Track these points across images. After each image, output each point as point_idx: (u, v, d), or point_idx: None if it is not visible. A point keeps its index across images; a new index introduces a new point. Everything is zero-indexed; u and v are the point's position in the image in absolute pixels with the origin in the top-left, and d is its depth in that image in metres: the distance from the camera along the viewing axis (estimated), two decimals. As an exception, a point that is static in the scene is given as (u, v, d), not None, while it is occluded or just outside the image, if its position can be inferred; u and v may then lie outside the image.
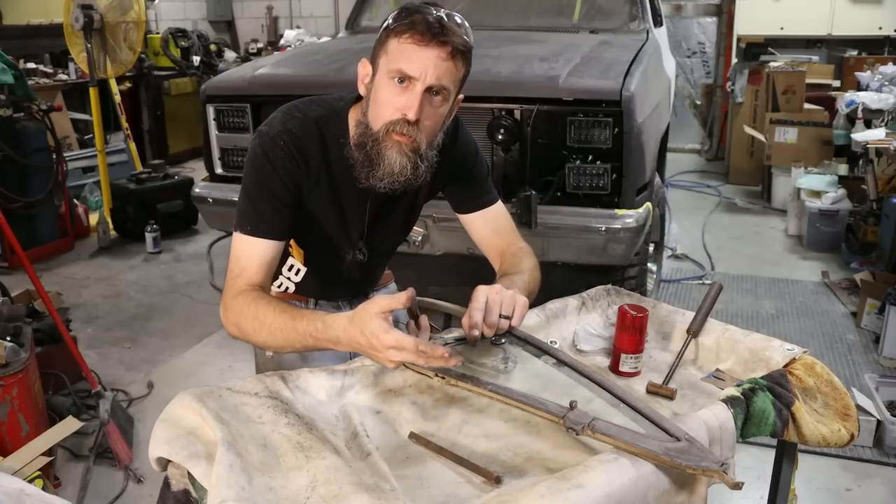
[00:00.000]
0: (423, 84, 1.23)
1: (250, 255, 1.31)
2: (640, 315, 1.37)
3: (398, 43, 1.23)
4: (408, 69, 1.22)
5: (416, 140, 1.27)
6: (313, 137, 1.35)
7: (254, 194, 1.33)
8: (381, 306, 1.10)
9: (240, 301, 1.25)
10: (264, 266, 1.31)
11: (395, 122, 1.26)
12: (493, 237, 1.52)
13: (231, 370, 3.12)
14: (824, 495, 2.31)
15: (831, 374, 1.35)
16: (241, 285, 1.28)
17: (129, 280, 4.18)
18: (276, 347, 1.26)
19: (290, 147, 1.32)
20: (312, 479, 0.99)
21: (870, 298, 3.38)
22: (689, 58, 7.43)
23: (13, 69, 4.20)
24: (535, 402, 1.10)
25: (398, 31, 1.23)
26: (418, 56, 1.22)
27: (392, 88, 1.25)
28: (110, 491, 2.33)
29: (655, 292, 3.47)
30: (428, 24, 1.21)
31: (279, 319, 1.21)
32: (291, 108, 1.38)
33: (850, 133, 4.51)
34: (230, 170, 2.99)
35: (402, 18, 1.24)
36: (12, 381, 2.17)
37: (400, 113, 1.25)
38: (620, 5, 3.64)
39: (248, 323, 1.24)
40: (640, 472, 0.99)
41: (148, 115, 6.67)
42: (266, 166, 1.31)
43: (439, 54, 1.22)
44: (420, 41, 1.21)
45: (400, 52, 1.23)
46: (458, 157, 1.48)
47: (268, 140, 1.32)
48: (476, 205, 1.52)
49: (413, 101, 1.24)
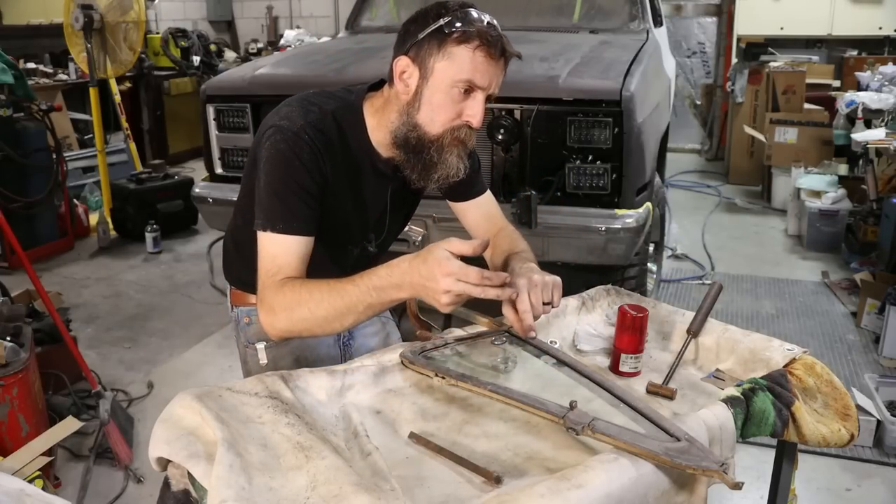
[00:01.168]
0: (486, 93, 1.28)
1: (286, 253, 1.27)
2: (640, 315, 1.37)
3: (469, 53, 1.24)
4: (479, 81, 1.25)
5: (472, 143, 1.33)
6: (333, 130, 1.33)
7: (281, 190, 1.28)
8: (452, 246, 1.12)
9: (286, 291, 1.22)
10: (303, 262, 1.28)
11: (458, 128, 1.29)
12: (486, 223, 1.55)
13: (231, 370, 3.12)
14: (824, 495, 2.31)
15: (831, 374, 1.35)
16: (280, 281, 1.25)
17: (129, 280, 4.18)
18: (334, 319, 1.20)
19: (314, 140, 1.30)
20: (312, 479, 0.99)
21: (870, 298, 3.38)
22: (689, 58, 7.43)
23: (13, 69, 4.20)
24: (535, 402, 1.10)
25: (464, 39, 1.23)
26: (491, 69, 1.25)
27: (455, 95, 1.26)
28: (110, 491, 2.33)
29: (655, 292, 3.47)
30: (493, 36, 1.24)
31: (336, 288, 1.19)
32: (305, 102, 1.35)
33: (850, 133, 4.52)
34: (230, 170, 2.99)
35: (463, 24, 1.24)
36: (12, 381, 2.17)
37: (463, 120, 1.28)
38: (620, 5, 3.64)
39: (303, 305, 1.20)
40: (640, 472, 0.99)
41: (148, 115, 6.67)
42: (293, 161, 1.28)
43: (502, 67, 1.28)
44: (492, 54, 1.24)
45: (470, 63, 1.24)
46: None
47: (291, 135, 1.29)
48: (470, 194, 1.55)
49: (479, 111, 1.27)
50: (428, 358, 1.28)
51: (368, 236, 1.50)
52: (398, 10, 4.02)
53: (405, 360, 1.26)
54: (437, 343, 1.32)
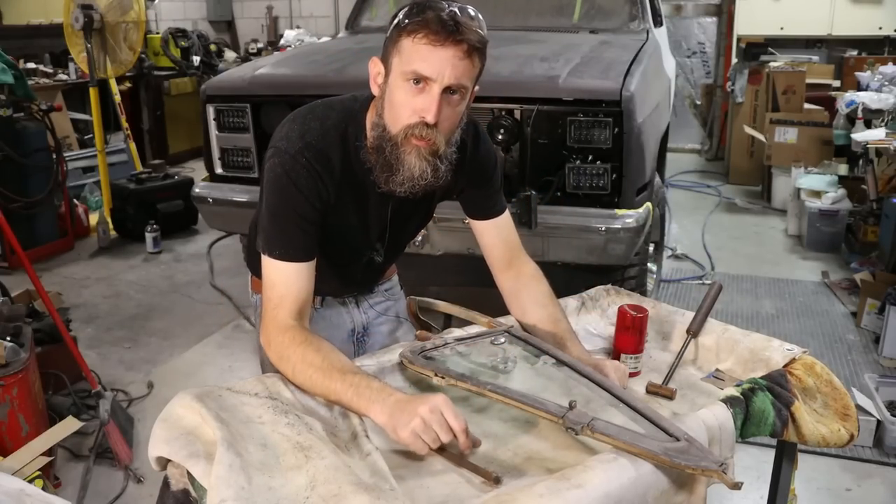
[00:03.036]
0: (441, 85, 1.19)
1: (286, 282, 1.27)
2: (640, 315, 1.37)
3: (412, 43, 1.18)
4: (424, 70, 1.18)
5: (436, 142, 1.24)
6: (334, 146, 1.30)
7: (279, 217, 1.28)
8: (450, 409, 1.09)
9: (285, 340, 1.22)
10: (303, 289, 1.28)
11: (413, 126, 1.22)
12: (502, 247, 1.50)
13: (231, 370, 3.12)
14: (824, 495, 2.31)
15: (831, 374, 1.35)
16: (283, 317, 1.24)
17: (129, 280, 4.18)
18: (310, 389, 1.21)
19: (312, 163, 1.27)
20: (312, 479, 0.99)
21: (870, 298, 3.38)
22: (689, 58, 7.43)
23: (13, 69, 4.20)
24: (535, 402, 1.10)
25: (410, 30, 1.18)
26: (434, 56, 1.17)
27: (408, 90, 1.20)
28: (110, 491, 2.33)
29: (655, 292, 3.47)
30: (442, 22, 1.16)
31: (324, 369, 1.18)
32: (308, 117, 1.32)
33: (850, 133, 4.51)
34: (230, 170, 2.99)
35: (414, 15, 1.18)
36: (12, 381, 2.17)
37: (418, 116, 1.21)
38: (620, 5, 3.64)
39: (290, 364, 1.21)
40: (639, 471, 0.99)
41: (148, 115, 6.67)
42: (289, 187, 1.26)
43: (455, 53, 1.18)
44: (435, 41, 1.16)
45: (414, 53, 1.18)
46: (480, 163, 1.45)
47: (288, 158, 1.26)
48: (490, 213, 1.50)
49: (431, 104, 1.19)
50: (428, 358, 1.28)
51: (375, 246, 1.49)
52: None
53: (405, 360, 1.26)
54: (437, 343, 1.33)
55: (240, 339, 3.41)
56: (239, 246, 3.84)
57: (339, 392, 1.15)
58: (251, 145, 2.89)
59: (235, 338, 3.42)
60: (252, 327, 3.47)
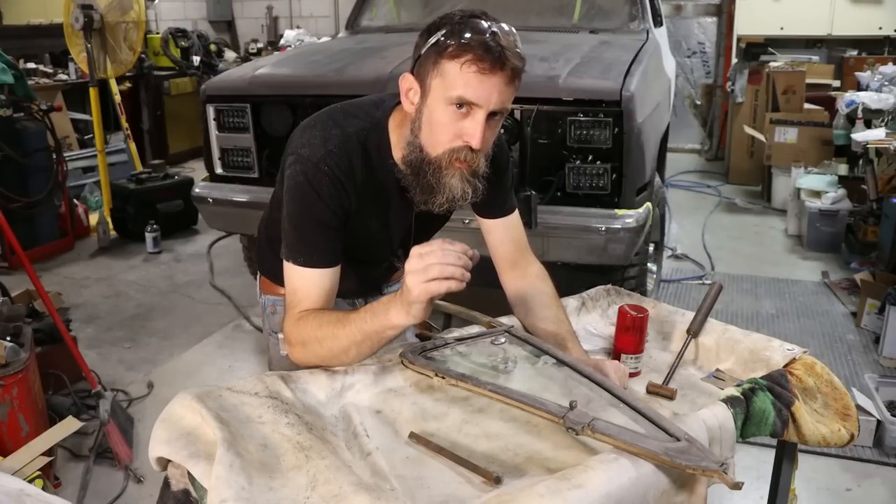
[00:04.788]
0: (487, 111, 1.18)
1: (307, 287, 1.28)
2: (640, 315, 1.37)
3: (458, 69, 1.15)
4: (470, 97, 1.16)
5: (478, 164, 1.24)
6: (356, 154, 1.29)
7: (301, 224, 1.28)
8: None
9: (301, 325, 1.25)
10: (323, 294, 1.29)
11: (457, 150, 1.21)
12: (510, 246, 1.50)
13: (231, 370, 3.12)
14: (824, 495, 2.31)
15: (831, 374, 1.35)
16: (297, 314, 1.27)
17: (129, 280, 4.18)
18: (341, 352, 1.24)
19: (335, 171, 1.26)
20: (312, 479, 0.99)
21: (870, 298, 3.38)
22: (689, 58, 7.43)
23: (13, 69, 4.19)
24: (535, 402, 1.10)
25: (454, 54, 1.15)
26: (482, 85, 1.15)
27: (451, 114, 1.19)
28: (110, 491, 2.33)
29: (655, 292, 3.47)
30: (488, 49, 1.14)
31: (340, 321, 1.21)
32: (328, 124, 1.31)
33: (850, 133, 4.51)
34: (230, 170, 2.99)
35: (456, 37, 1.15)
36: (12, 381, 2.17)
37: (462, 141, 1.20)
38: (620, 5, 3.64)
39: (313, 342, 1.23)
40: (639, 471, 0.99)
41: (148, 115, 6.67)
42: (311, 195, 1.26)
43: (502, 80, 1.16)
44: (482, 69, 1.14)
45: (460, 79, 1.16)
46: (494, 164, 1.43)
47: (311, 166, 1.26)
48: (500, 211, 1.49)
49: (477, 130, 1.18)
50: (428, 358, 1.28)
51: (397, 252, 1.49)
52: (398, 10, 4.02)
53: (405, 360, 1.26)
54: (437, 343, 1.32)
55: (240, 339, 3.41)
56: (239, 246, 3.84)
57: (361, 326, 1.19)
58: (251, 145, 2.89)
59: (235, 338, 3.42)
60: (252, 327, 3.47)
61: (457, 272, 1.09)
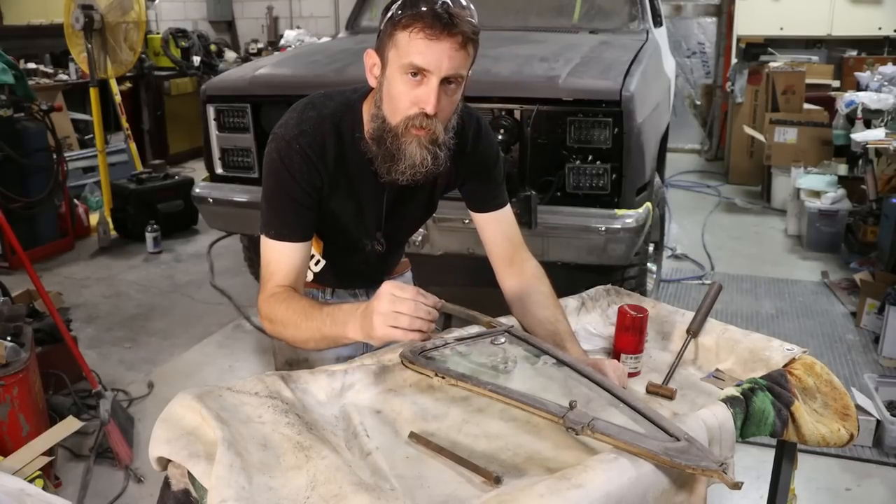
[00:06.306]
0: (439, 77, 1.22)
1: (278, 260, 1.34)
2: (639, 315, 1.37)
3: (408, 36, 1.21)
4: (421, 63, 1.21)
5: (435, 131, 1.27)
6: (329, 135, 1.35)
7: (273, 199, 1.35)
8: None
9: (270, 302, 1.30)
10: (293, 269, 1.35)
11: (413, 117, 1.25)
12: (504, 241, 1.52)
13: (231, 370, 3.12)
14: (824, 495, 2.31)
15: (831, 374, 1.35)
16: (271, 288, 1.32)
17: (130, 280, 4.18)
18: (302, 343, 1.29)
19: (306, 150, 1.32)
20: (312, 479, 0.99)
21: (869, 298, 3.38)
22: (689, 58, 7.43)
23: (13, 69, 4.20)
24: (535, 402, 1.10)
25: (405, 24, 1.21)
26: (431, 50, 1.20)
27: (406, 82, 1.24)
28: (110, 491, 2.33)
29: (655, 292, 3.47)
30: (436, 15, 1.18)
31: (307, 313, 1.25)
32: (307, 106, 1.38)
33: (849, 133, 4.51)
34: (230, 170, 2.99)
35: (408, 8, 1.21)
36: (13, 381, 2.17)
37: (417, 107, 1.24)
38: (620, 5, 3.64)
39: (279, 322, 1.29)
40: (639, 471, 0.99)
41: (148, 115, 6.67)
42: (283, 172, 1.33)
43: (451, 45, 1.20)
44: (430, 35, 1.19)
45: (411, 47, 1.21)
46: (481, 155, 1.48)
47: (283, 144, 1.33)
48: (491, 205, 1.51)
49: (430, 95, 1.23)
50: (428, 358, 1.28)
51: (374, 235, 1.50)
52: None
53: (405, 360, 1.26)
54: (437, 343, 1.32)
55: (240, 339, 3.41)
56: (239, 246, 3.84)
57: (320, 327, 1.23)
58: (251, 145, 2.89)
59: (235, 338, 3.42)
60: (252, 327, 3.48)
61: (424, 326, 1.13)
